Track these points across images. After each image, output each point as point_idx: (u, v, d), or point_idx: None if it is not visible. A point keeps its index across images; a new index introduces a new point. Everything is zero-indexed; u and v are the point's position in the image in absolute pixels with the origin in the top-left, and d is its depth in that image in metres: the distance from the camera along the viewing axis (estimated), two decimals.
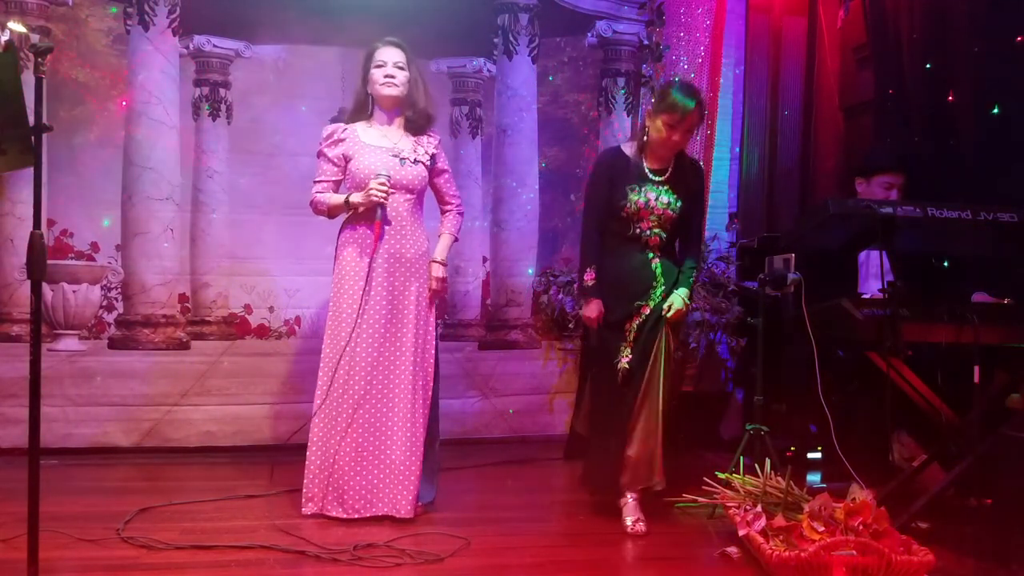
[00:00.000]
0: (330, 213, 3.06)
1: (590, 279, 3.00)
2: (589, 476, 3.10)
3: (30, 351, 2.15)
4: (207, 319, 4.08)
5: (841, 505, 2.41)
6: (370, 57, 3.06)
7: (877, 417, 3.01)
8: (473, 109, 4.41)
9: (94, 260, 3.94)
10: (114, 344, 3.96)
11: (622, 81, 4.51)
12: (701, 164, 3.39)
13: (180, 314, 4.03)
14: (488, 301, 4.44)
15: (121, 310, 3.98)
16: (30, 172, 2.16)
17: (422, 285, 3.06)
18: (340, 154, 3.04)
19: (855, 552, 2.29)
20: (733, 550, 2.62)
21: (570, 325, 4.28)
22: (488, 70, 4.41)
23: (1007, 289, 3.10)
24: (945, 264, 3.52)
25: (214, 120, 4.09)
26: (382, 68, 3.02)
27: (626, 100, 4.50)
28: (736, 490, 2.74)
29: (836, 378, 3.33)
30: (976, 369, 2.69)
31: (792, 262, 3.20)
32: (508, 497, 3.38)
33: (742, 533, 2.54)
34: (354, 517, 2.90)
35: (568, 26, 4.46)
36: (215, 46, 4.07)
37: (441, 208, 3.23)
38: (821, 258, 3.27)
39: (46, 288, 3.80)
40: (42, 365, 2.18)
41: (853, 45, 4.51)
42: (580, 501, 3.16)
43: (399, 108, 3.08)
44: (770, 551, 2.35)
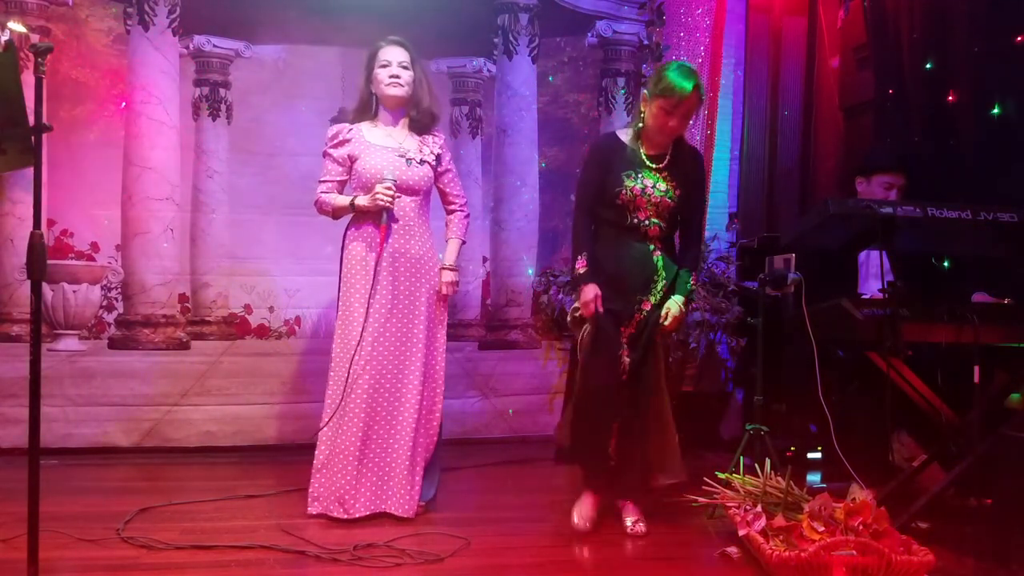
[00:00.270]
0: (335, 214, 3.05)
1: (582, 267, 2.82)
2: (587, 471, 2.97)
3: (30, 351, 2.15)
4: (207, 319, 4.08)
5: (841, 505, 2.41)
6: (374, 56, 3.04)
7: (877, 417, 3.00)
8: (473, 109, 4.41)
9: (94, 260, 3.94)
10: (114, 344, 3.96)
11: (622, 81, 4.51)
12: (701, 153, 3.20)
13: (180, 314, 4.03)
14: (488, 301, 4.44)
15: (121, 310, 3.98)
16: (30, 172, 2.16)
17: (431, 285, 3.05)
18: (345, 154, 3.03)
19: (855, 552, 2.28)
20: (733, 550, 2.62)
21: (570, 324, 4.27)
22: (488, 70, 4.41)
23: (1007, 289, 3.10)
24: (945, 264, 3.52)
25: (214, 120, 4.09)
26: (387, 68, 3.00)
27: (626, 100, 4.50)
28: (736, 490, 2.74)
29: (836, 378, 3.33)
30: (976, 369, 2.68)
31: (793, 262, 3.20)
32: (508, 497, 3.38)
33: (742, 533, 2.54)
34: (355, 517, 2.89)
35: (568, 26, 4.46)
36: (215, 46, 4.07)
37: (446, 209, 3.21)
38: (821, 258, 3.27)
39: (46, 288, 3.80)
40: (42, 365, 2.18)
41: (853, 45, 4.51)
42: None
43: (404, 108, 3.07)
44: (770, 551, 2.35)
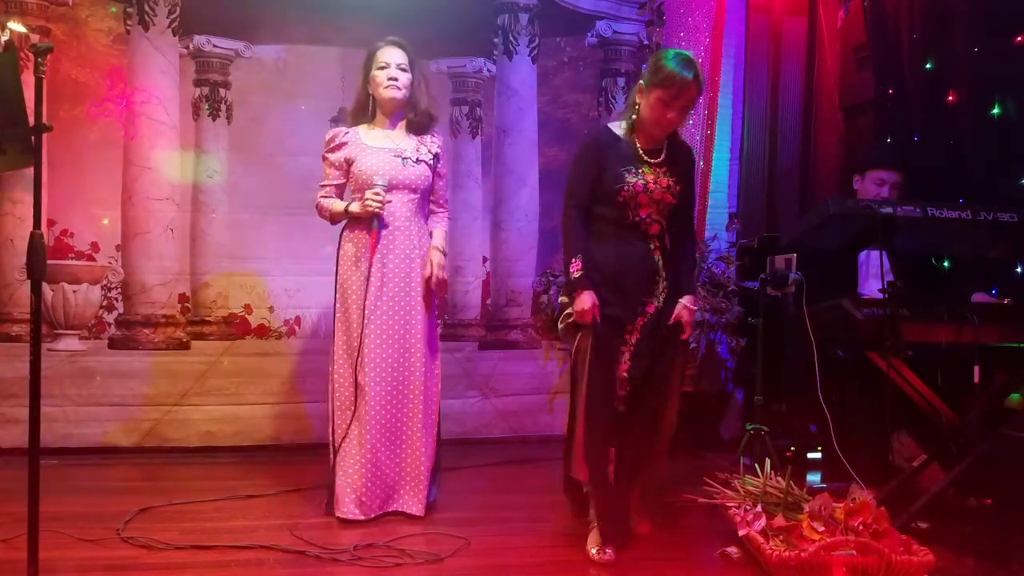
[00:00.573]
0: (332, 220, 3.05)
1: (577, 270, 2.60)
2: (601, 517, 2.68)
3: (30, 351, 2.15)
4: (207, 319, 4.08)
5: (841, 505, 2.41)
6: (372, 58, 3.02)
7: (877, 417, 3.00)
8: (473, 109, 4.41)
9: (94, 260, 3.94)
10: (114, 344, 3.96)
11: (622, 81, 4.51)
12: (690, 144, 3.03)
13: (180, 314, 4.03)
14: (488, 301, 4.44)
15: (121, 310, 3.98)
16: (30, 172, 2.16)
17: (428, 287, 3.04)
18: (342, 158, 3.02)
19: (855, 552, 2.28)
20: (733, 550, 2.62)
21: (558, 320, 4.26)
22: (488, 70, 4.41)
23: (1007, 289, 3.10)
24: (945, 264, 3.52)
25: (214, 120, 4.09)
26: (385, 70, 2.99)
27: (626, 100, 4.50)
28: (736, 490, 2.74)
29: (836, 378, 3.33)
30: (976, 369, 2.68)
31: (794, 262, 3.20)
32: (508, 497, 3.38)
33: (742, 533, 2.54)
34: (371, 517, 2.88)
35: (568, 26, 4.46)
36: (215, 46, 4.07)
37: (431, 209, 3.15)
38: (821, 258, 3.27)
39: (46, 288, 3.80)
40: (42, 365, 2.18)
41: (853, 45, 4.51)
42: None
43: (402, 110, 3.05)
44: (770, 551, 2.35)
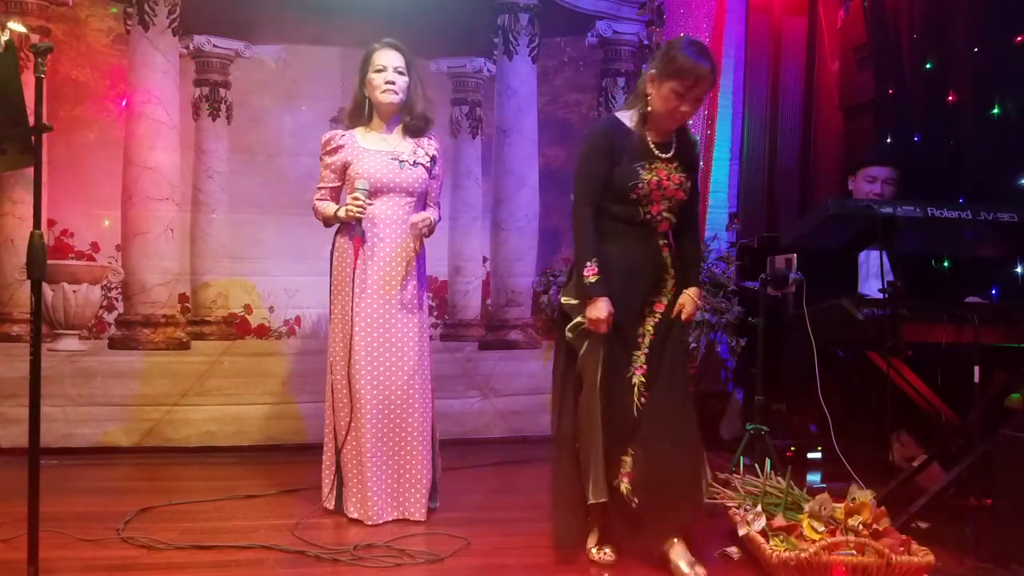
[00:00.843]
0: (325, 223, 3.04)
1: (593, 274, 2.44)
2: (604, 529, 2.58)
3: (30, 351, 2.15)
4: (207, 319, 4.08)
5: (841, 505, 2.41)
6: (369, 60, 3.00)
7: (877, 417, 3.01)
8: (473, 109, 4.41)
9: (94, 260, 3.94)
10: (114, 344, 3.96)
11: (622, 81, 4.51)
12: (696, 136, 2.93)
13: (180, 314, 4.03)
14: (488, 301, 4.44)
15: (121, 310, 3.98)
16: (30, 172, 2.16)
17: (422, 289, 3.04)
18: (339, 161, 3.00)
19: (855, 552, 2.29)
20: (733, 550, 2.62)
21: (556, 317, 4.26)
22: (488, 70, 4.41)
23: (1007, 289, 3.10)
24: (945, 264, 3.52)
25: (214, 120, 4.09)
26: (382, 73, 2.97)
27: (626, 100, 4.49)
28: (736, 490, 2.74)
29: (836, 378, 3.33)
30: (976, 369, 2.69)
31: (794, 262, 3.20)
32: (508, 497, 3.38)
33: (742, 533, 2.53)
34: (378, 523, 2.86)
35: (568, 26, 4.46)
36: (215, 46, 4.07)
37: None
38: (821, 258, 3.27)
39: (46, 288, 3.80)
40: (42, 365, 2.18)
41: (853, 45, 4.51)
42: None
43: (398, 113, 3.04)
44: (770, 551, 2.35)
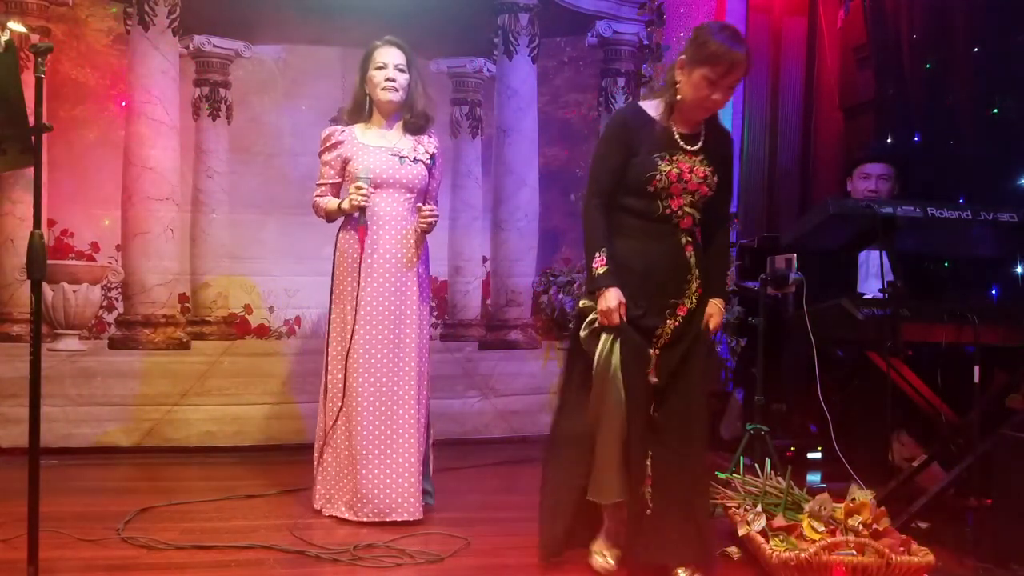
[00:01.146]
0: (327, 218, 3.05)
1: (601, 265, 2.35)
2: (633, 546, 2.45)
3: (30, 351, 2.15)
4: (207, 319, 4.07)
5: (841, 505, 2.41)
6: (370, 57, 3.01)
7: (877, 417, 3.00)
8: (473, 109, 4.41)
9: (94, 260, 3.94)
10: (114, 344, 3.96)
11: (622, 81, 4.51)
12: (729, 129, 2.76)
13: (180, 314, 4.03)
14: (488, 301, 4.44)
15: (121, 310, 3.97)
16: (30, 172, 2.16)
17: (423, 287, 3.04)
18: (338, 157, 3.00)
19: (855, 552, 2.29)
20: (733, 550, 2.62)
21: (570, 324, 4.27)
22: (488, 70, 4.41)
23: (1007, 289, 3.10)
24: (945, 264, 3.52)
25: (214, 120, 4.09)
26: (383, 70, 2.97)
27: (626, 100, 4.50)
28: (736, 490, 2.74)
29: (836, 378, 3.33)
30: (976, 369, 2.69)
31: (794, 262, 3.20)
32: (508, 497, 3.38)
33: (742, 533, 2.53)
34: (363, 521, 2.86)
35: (568, 26, 4.46)
36: (215, 46, 4.07)
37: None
38: (821, 258, 3.27)
39: (46, 288, 3.80)
40: (42, 365, 2.18)
41: (853, 45, 4.51)
42: None
43: (399, 111, 3.04)
44: (770, 551, 2.35)
